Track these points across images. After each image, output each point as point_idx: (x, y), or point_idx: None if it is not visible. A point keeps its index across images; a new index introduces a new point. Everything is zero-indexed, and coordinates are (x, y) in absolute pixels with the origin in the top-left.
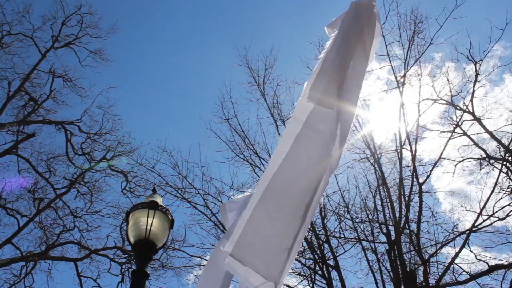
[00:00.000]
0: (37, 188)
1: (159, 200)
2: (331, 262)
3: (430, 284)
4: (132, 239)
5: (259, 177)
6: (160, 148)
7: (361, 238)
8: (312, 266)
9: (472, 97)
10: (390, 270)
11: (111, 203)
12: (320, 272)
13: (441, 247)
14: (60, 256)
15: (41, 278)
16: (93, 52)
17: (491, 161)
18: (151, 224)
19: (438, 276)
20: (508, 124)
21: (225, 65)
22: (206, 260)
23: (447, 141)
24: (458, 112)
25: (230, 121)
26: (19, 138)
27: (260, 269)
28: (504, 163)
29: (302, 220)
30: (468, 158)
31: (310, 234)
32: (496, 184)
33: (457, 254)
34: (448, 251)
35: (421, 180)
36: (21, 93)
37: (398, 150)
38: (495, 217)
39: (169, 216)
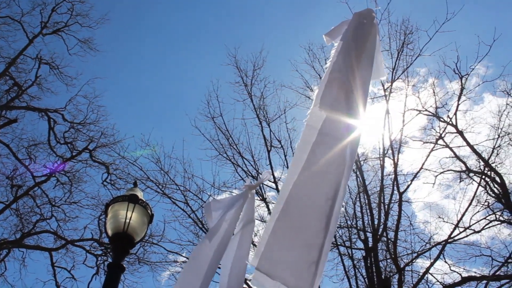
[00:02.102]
0: (15, 175)
1: (140, 194)
2: None
3: None
4: (110, 232)
5: (241, 177)
6: (143, 142)
7: (339, 243)
8: None
9: (456, 110)
10: (365, 276)
11: (91, 194)
12: None
13: (416, 257)
14: (35, 245)
15: (14, 266)
16: (82, 41)
17: (471, 174)
18: (130, 217)
19: (412, 285)
20: (489, 139)
21: (214, 64)
22: (184, 257)
23: (429, 152)
24: (442, 124)
25: (215, 120)
26: (1, 123)
27: (290, 282)
28: (483, 177)
29: (326, 230)
30: (448, 170)
31: None
32: (474, 197)
33: (431, 264)
34: (423, 261)
35: (401, 189)
36: (6, 78)
37: (381, 158)
38: (471, 229)
39: (149, 211)
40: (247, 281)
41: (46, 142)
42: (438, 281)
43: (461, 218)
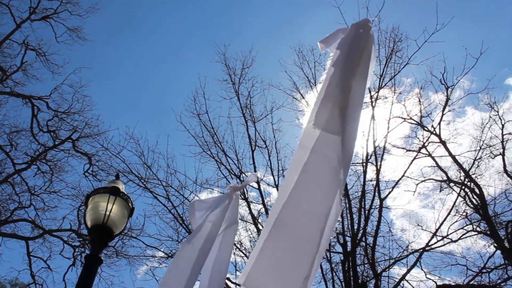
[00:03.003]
0: None
1: (121, 187)
2: None
3: None
4: (89, 223)
5: (224, 175)
6: (127, 135)
7: None
8: None
9: (441, 120)
10: (342, 280)
11: (72, 185)
12: None
13: (394, 263)
14: (11, 233)
15: None
16: (71, 29)
17: (451, 184)
18: (111, 210)
19: None
20: (471, 151)
21: (203, 60)
22: (162, 252)
23: (412, 160)
24: (426, 133)
25: (201, 117)
26: None
27: None
28: (463, 187)
29: (318, 247)
30: (430, 179)
31: None
32: (453, 207)
33: (408, 271)
34: (400, 267)
35: (382, 196)
36: None
37: (364, 164)
38: (448, 238)
39: (130, 204)
40: (230, 282)
41: (29, 129)
42: (413, 287)
43: (439, 227)
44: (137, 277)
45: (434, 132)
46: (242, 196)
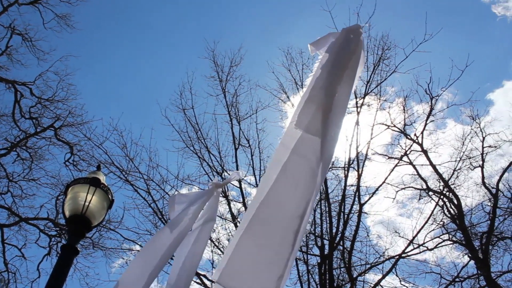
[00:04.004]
0: None
1: (102, 178)
2: None
3: None
4: (67, 213)
5: (206, 171)
6: (111, 126)
7: None
8: None
9: (423, 130)
10: (318, 283)
11: (51, 173)
12: None
13: (370, 268)
14: None
15: None
16: (59, 16)
17: (430, 193)
18: (90, 201)
19: None
20: (451, 161)
21: (191, 55)
22: (139, 245)
23: (393, 168)
24: (408, 142)
25: (186, 112)
26: None
27: None
28: (442, 197)
29: (292, 247)
30: (410, 187)
31: None
32: (431, 215)
33: (383, 277)
34: (376, 273)
35: (362, 201)
36: None
37: (346, 168)
38: (425, 247)
39: (110, 196)
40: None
41: (10, 115)
42: None
43: (416, 235)
44: (112, 270)
45: (416, 141)
46: (223, 194)
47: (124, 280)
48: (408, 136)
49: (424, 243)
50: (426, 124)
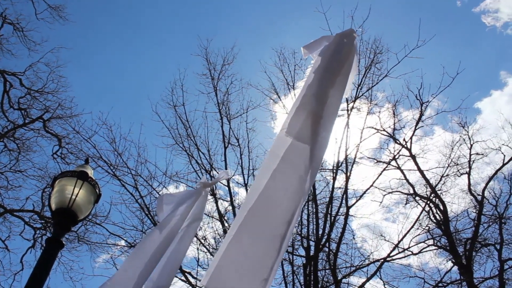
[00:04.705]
0: None
1: (90, 172)
2: None
3: None
4: (53, 206)
5: (195, 169)
6: (100, 120)
7: None
8: None
9: (413, 135)
10: (303, 283)
11: (39, 165)
12: None
13: (354, 271)
14: None
15: None
16: (52, 7)
17: (417, 198)
18: (77, 194)
19: None
20: (439, 167)
21: (184, 52)
22: (125, 240)
23: (381, 172)
24: (397, 146)
25: (177, 108)
26: None
27: None
28: (428, 202)
29: (278, 252)
30: (397, 191)
31: None
32: (417, 220)
33: (368, 280)
34: (360, 275)
35: (349, 203)
36: None
37: (334, 171)
38: (409, 251)
39: (97, 190)
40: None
41: None
42: None
43: (402, 239)
44: (96, 264)
45: (405, 145)
46: (211, 192)
47: (115, 281)
48: (397, 141)
49: (409, 247)
50: (415, 129)
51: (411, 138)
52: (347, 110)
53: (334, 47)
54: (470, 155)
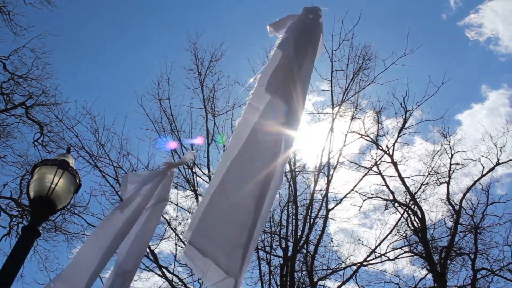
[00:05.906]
0: None
1: (71, 161)
2: None
3: None
4: (32, 194)
5: None
6: (84, 110)
7: (259, 247)
8: None
9: (395, 142)
10: (279, 284)
11: (18, 152)
12: None
13: (331, 273)
14: None
15: None
16: None
17: (396, 204)
18: (57, 183)
19: None
20: (420, 175)
21: (172, 45)
22: None
23: (362, 177)
24: (379, 152)
25: (162, 102)
26: None
27: (221, 261)
28: (407, 209)
29: (256, 213)
30: (377, 197)
31: None
32: (395, 226)
33: (343, 283)
34: (336, 278)
35: (329, 207)
36: None
37: (316, 173)
38: (386, 256)
39: (77, 180)
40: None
41: None
42: None
43: (379, 244)
44: (72, 255)
45: (387, 152)
46: (192, 188)
47: (76, 263)
48: (379, 147)
49: (386, 253)
50: (398, 136)
51: (393, 144)
52: (333, 113)
53: (301, 21)
54: (451, 164)
